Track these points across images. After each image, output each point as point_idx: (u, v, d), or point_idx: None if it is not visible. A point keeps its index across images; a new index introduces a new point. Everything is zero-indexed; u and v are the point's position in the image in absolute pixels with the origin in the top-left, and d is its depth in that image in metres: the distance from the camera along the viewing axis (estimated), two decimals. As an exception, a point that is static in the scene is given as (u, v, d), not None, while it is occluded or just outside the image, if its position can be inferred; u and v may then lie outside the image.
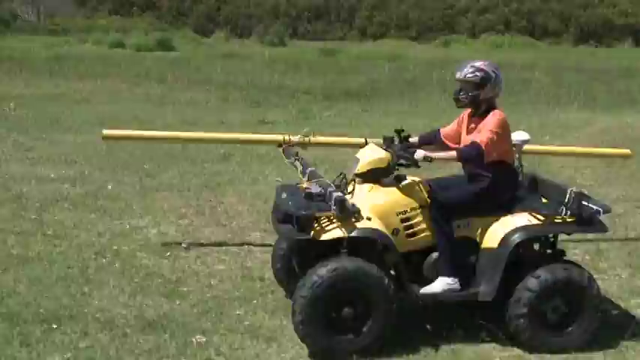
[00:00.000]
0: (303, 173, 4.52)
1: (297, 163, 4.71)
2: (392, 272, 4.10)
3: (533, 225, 4.04)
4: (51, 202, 6.77)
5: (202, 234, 6.15)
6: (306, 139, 5.22)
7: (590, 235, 6.15)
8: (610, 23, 71.22)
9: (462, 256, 4.14)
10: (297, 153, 4.91)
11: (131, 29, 43.80)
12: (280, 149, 5.11)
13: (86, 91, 15.74)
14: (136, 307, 4.54)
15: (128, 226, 6.18)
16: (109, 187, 7.51)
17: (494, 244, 4.05)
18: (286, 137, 5.23)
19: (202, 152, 9.47)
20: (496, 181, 4.14)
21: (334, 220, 3.92)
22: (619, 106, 14.87)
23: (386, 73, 19.85)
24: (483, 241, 4.14)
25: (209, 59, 23.39)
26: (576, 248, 5.90)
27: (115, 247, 5.59)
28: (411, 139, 4.37)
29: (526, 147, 4.89)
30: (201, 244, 5.87)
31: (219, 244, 5.89)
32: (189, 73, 19.37)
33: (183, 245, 5.76)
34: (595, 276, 5.23)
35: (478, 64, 4.17)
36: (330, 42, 52.08)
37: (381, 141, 4.46)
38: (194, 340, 4.15)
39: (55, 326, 4.21)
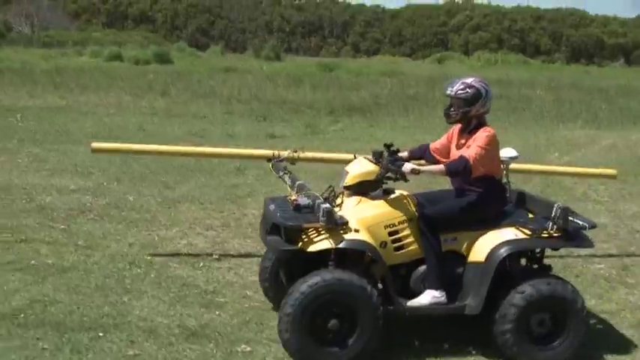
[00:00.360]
0: (292, 187, 4.55)
1: (286, 177, 4.76)
2: (379, 285, 4.10)
3: (520, 239, 4.07)
4: (76, 213, 6.81)
5: (231, 245, 6.21)
6: (295, 154, 5.30)
7: (614, 251, 6.31)
8: (601, 43, 72.51)
9: (449, 270, 4.15)
10: (286, 167, 4.97)
11: (126, 42, 44.11)
12: (269, 164, 5.17)
13: (91, 103, 15.80)
14: (177, 317, 4.59)
15: (157, 238, 6.24)
16: (130, 198, 7.56)
17: (481, 258, 4.07)
18: (275, 152, 5.32)
19: (217, 165, 9.54)
20: (484, 195, 4.17)
21: (322, 232, 3.92)
22: (622, 124, 15.14)
23: (388, 88, 20.05)
24: (470, 255, 4.16)
25: (210, 73, 23.51)
26: (601, 264, 6.02)
27: (148, 258, 5.65)
28: (400, 154, 4.37)
29: (513, 166, 4.95)
30: (232, 256, 5.94)
31: (249, 256, 5.95)
32: (192, 87, 19.48)
33: (214, 256, 5.83)
34: (624, 291, 5.40)
35: (469, 80, 4.21)
36: (325, 57, 52.70)
37: (370, 156, 4.46)
38: (239, 349, 4.21)
39: (101, 334, 4.26)
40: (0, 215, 6.56)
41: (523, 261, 4.40)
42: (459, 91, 4.16)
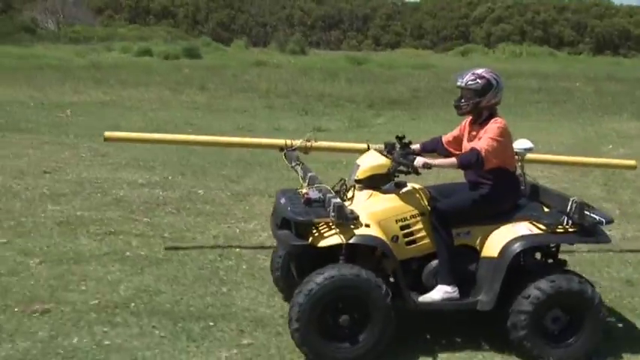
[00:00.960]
0: (304, 178, 4.51)
1: (298, 168, 4.72)
2: (391, 279, 4.03)
3: (534, 234, 3.99)
4: (153, 206, 6.95)
5: (311, 237, 6.29)
6: (308, 143, 5.25)
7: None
8: (627, 33, 71.71)
9: (462, 265, 4.09)
10: (299, 157, 4.96)
11: (150, 37, 44.47)
12: (282, 153, 5.17)
13: (134, 99, 16.01)
14: (279, 308, 4.67)
15: (238, 230, 6.34)
16: (200, 192, 7.68)
17: (495, 253, 4.00)
18: (288, 141, 5.26)
19: (273, 159, 9.59)
20: (497, 188, 4.11)
21: (332, 227, 3.86)
22: (669, 116, 15.02)
23: (425, 81, 20.05)
24: (483, 250, 4.09)
25: (242, 67, 23.64)
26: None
27: (237, 250, 5.76)
28: (412, 146, 4.33)
29: (528, 156, 4.82)
30: (315, 248, 6.01)
31: (331, 248, 6.02)
32: (228, 81, 19.65)
33: (298, 248, 5.91)
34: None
35: (480, 71, 4.16)
36: (347, 51, 52.74)
37: (383, 147, 4.44)
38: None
39: (211, 324, 4.36)
40: (82, 208, 6.72)
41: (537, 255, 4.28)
42: (470, 82, 4.11)
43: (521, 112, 14.86)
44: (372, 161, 4.15)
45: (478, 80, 4.10)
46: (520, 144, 4.58)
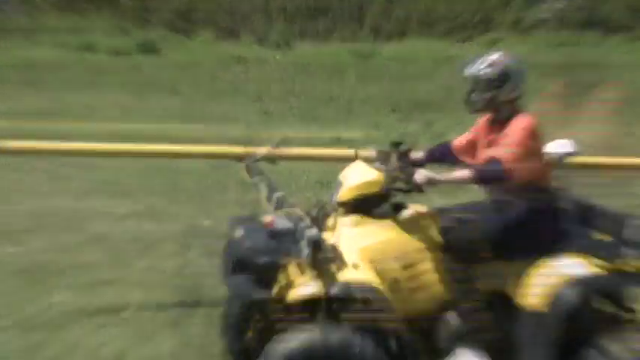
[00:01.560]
0: (268, 199, 4.24)
1: (262, 186, 4.45)
2: (391, 342, 3.80)
3: (593, 275, 3.78)
4: (148, 245, 6.67)
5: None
6: (276, 151, 4.98)
7: None
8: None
9: (491, 320, 3.88)
10: (263, 171, 4.74)
11: (89, 29, 44.31)
12: (242, 165, 4.86)
13: (85, 106, 15.77)
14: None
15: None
16: (205, 223, 7.45)
17: (538, 303, 3.79)
18: (249, 150, 5.10)
19: (293, 181, 9.35)
20: (530, 209, 3.96)
21: (307, 271, 3.65)
22: None
23: (457, 79, 19.94)
24: (520, 298, 3.87)
25: (219, 65, 23.56)
26: None
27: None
28: (414, 155, 4.27)
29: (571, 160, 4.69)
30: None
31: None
32: (205, 82, 19.52)
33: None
34: None
35: (494, 56, 4.11)
36: (342, 43, 53.02)
37: (374, 155, 4.34)
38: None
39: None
40: (49, 250, 6.45)
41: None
42: (482, 70, 4.07)
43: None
44: (360, 177, 3.98)
45: (492, 68, 4.05)
46: (556, 147, 4.51)
